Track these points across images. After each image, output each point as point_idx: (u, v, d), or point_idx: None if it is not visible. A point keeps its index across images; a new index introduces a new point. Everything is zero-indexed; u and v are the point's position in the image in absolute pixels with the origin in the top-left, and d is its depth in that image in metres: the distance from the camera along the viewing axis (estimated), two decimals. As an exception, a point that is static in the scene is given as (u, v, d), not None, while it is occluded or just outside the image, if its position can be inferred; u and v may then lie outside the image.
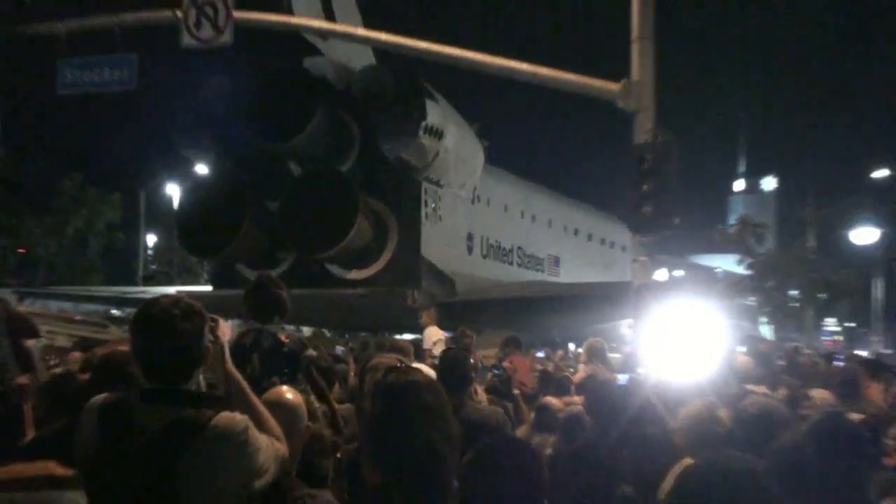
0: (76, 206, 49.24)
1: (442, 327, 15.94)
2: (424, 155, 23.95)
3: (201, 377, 4.46)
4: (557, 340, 27.75)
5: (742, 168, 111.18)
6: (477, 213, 28.19)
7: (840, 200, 65.70)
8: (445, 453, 4.11)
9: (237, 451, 4.06)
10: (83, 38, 20.76)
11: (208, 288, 27.17)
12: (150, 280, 52.97)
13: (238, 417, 4.14)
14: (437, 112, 23.70)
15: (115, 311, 38.42)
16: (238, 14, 19.34)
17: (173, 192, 56.51)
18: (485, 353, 14.96)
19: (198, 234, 24.41)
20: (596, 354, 10.68)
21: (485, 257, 28.73)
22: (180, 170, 57.07)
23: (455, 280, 25.51)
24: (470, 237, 27.87)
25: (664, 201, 15.26)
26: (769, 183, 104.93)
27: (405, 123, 23.44)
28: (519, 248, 31.21)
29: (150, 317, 4.14)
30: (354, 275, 23.75)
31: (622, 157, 16.69)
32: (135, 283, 49.56)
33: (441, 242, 25.58)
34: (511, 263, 30.58)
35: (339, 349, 20.11)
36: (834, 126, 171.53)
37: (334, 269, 24.01)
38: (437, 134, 23.81)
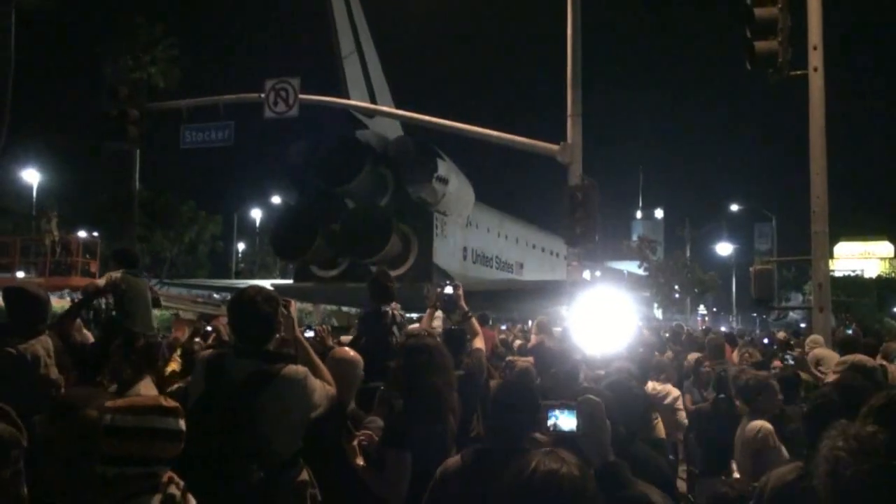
0: (191, 224, 48.59)
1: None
2: (436, 195, 24.30)
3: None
4: (516, 318, 28.34)
5: (640, 202, 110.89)
6: (469, 234, 28.25)
7: (707, 224, 66.48)
8: (445, 393, 4.29)
9: (299, 392, 4.00)
10: (198, 112, 20.32)
11: (290, 281, 27.17)
12: (239, 275, 52.86)
13: (300, 369, 4.09)
14: (444, 167, 24.09)
15: (216, 296, 38.07)
16: (303, 96, 18.87)
17: (256, 215, 57.05)
18: None
19: (285, 245, 24.66)
20: (543, 328, 10.21)
21: (474, 263, 28.73)
22: (261, 201, 57.95)
23: (455, 277, 24.62)
24: (465, 249, 27.95)
25: (589, 225, 15.11)
26: (659, 213, 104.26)
27: (423, 175, 23.90)
28: (496, 256, 31.08)
29: (242, 300, 4.14)
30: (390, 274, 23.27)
31: (559, 194, 16.04)
32: (229, 277, 49.54)
33: (446, 253, 25.77)
34: (491, 267, 30.47)
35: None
36: (703, 175, 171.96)
37: (375, 270, 23.68)
38: (444, 181, 24.15)
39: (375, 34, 26.75)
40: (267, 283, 26.02)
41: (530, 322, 24.78)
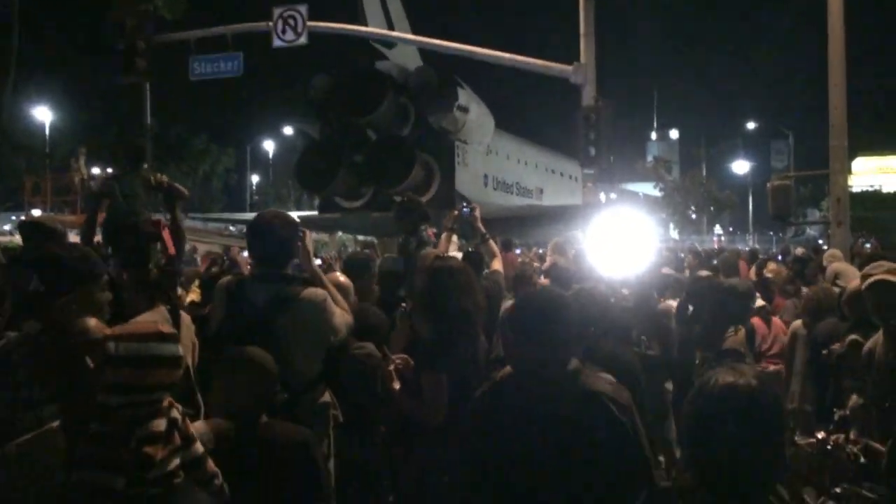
0: (203, 157, 49.24)
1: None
2: (456, 124, 24.55)
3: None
4: (540, 244, 28.97)
5: (655, 122, 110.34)
6: (490, 161, 28.60)
7: (724, 143, 66.70)
8: (473, 314, 4.18)
9: (320, 315, 4.02)
10: (206, 43, 20.67)
11: (314, 212, 27.46)
12: (254, 207, 51.53)
13: (320, 291, 4.10)
14: (464, 95, 24.34)
15: (231, 228, 38.82)
16: (311, 23, 19.00)
17: (269, 147, 57.35)
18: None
19: (309, 177, 25.09)
20: (558, 249, 9.87)
21: (495, 190, 29.17)
22: (274, 132, 58.13)
23: (477, 204, 26.23)
24: (485, 177, 28.36)
25: (603, 146, 15.20)
26: (674, 133, 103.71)
27: (444, 104, 24.10)
28: (516, 183, 31.50)
29: (260, 223, 4.14)
30: None
31: (574, 115, 16.20)
32: (244, 210, 49.24)
33: (467, 180, 26.18)
34: (512, 193, 30.87)
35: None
36: (719, 91, 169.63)
37: (398, 199, 23.94)
38: (464, 110, 24.41)
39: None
40: (294, 215, 26.93)
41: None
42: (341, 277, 4.99)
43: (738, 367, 2.33)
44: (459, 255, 6.76)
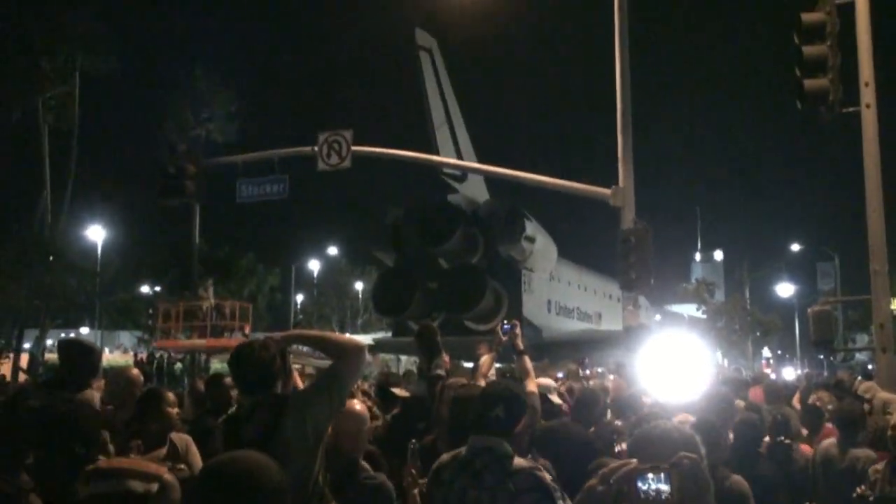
0: (250, 276, 51.52)
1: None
2: (524, 253, 27.53)
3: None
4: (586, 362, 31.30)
5: (699, 244, 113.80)
6: (553, 287, 31.35)
7: (768, 265, 68.75)
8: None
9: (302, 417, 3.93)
10: (253, 166, 21.34)
11: (389, 334, 30.21)
12: (298, 326, 54.52)
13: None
14: (531, 227, 27.48)
15: None
16: (356, 147, 19.66)
17: (314, 267, 60.71)
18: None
19: (385, 302, 28.10)
20: (571, 374, 11.65)
21: (558, 315, 31.68)
22: (318, 252, 61.86)
23: (541, 329, 28.62)
24: (549, 302, 31.00)
25: (643, 269, 15.37)
26: (718, 255, 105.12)
27: (513, 235, 27.14)
28: (577, 308, 34.17)
29: (241, 353, 4.11)
30: (482, 327, 25.82)
31: (613, 239, 16.46)
32: (288, 329, 52.38)
33: (533, 306, 28.83)
34: (573, 318, 33.46)
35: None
36: (763, 214, 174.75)
37: (470, 324, 26.76)
38: (531, 240, 27.46)
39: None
40: (368, 338, 29.81)
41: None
42: (357, 405, 5.01)
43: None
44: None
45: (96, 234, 51.12)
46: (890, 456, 5.79)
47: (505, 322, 7.04)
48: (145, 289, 52.49)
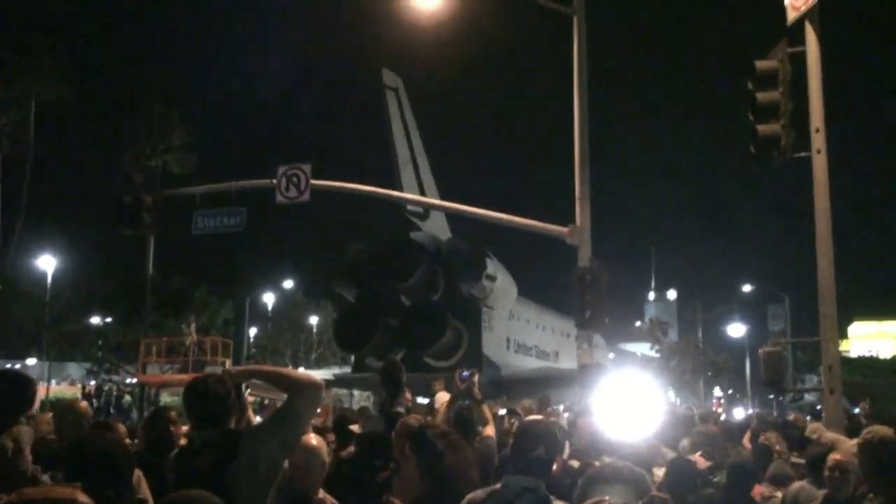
0: (203, 308, 50.67)
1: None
2: (484, 291, 28.07)
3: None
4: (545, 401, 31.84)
5: (653, 283, 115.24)
6: (512, 326, 31.91)
7: (720, 306, 69.82)
8: (460, 475, 4.31)
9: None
10: (212, 196, 21.17)
11: (347, 369, 30.55)
12: (250, 360, 54.02)
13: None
14: (492, 266, 28.10)
15: None
16: (315, 181, 19.65)
17: (268, 300, 60.58)
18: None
19: (347, 338, 28.51)
20: (512, 410, 11.58)
21: (516, 352, 32.20)
22: (273, 286, 61.76)
23: (500, 367, 29.11)
24: (508, 340, 31.53)
25: (598, 307, 15.42)
26: (672, 293, 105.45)
27: (474, 273, 27.70)
28: (535, 346, 34.86)
29: (196, 387, 4.16)
30: (442, 364, 26.27)
31: (571, 277, 16.34)
32: (241, 362, 49.77)
33: (492, 343, 29.34)
34: (531, 356, 34.09)
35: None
36: (716, 255, 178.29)
37: (429, 361, 26.99)
38: (492, 279, 28.02)
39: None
40: (328, 373, 30.07)
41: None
42: (314, 440, 5.09)
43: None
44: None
45: (47, 263, 50.48)
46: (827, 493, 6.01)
47: (464, 370, 7.25)
48: (96, 319, 51.84)
